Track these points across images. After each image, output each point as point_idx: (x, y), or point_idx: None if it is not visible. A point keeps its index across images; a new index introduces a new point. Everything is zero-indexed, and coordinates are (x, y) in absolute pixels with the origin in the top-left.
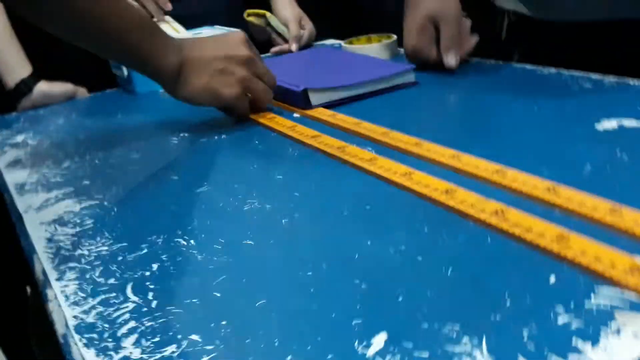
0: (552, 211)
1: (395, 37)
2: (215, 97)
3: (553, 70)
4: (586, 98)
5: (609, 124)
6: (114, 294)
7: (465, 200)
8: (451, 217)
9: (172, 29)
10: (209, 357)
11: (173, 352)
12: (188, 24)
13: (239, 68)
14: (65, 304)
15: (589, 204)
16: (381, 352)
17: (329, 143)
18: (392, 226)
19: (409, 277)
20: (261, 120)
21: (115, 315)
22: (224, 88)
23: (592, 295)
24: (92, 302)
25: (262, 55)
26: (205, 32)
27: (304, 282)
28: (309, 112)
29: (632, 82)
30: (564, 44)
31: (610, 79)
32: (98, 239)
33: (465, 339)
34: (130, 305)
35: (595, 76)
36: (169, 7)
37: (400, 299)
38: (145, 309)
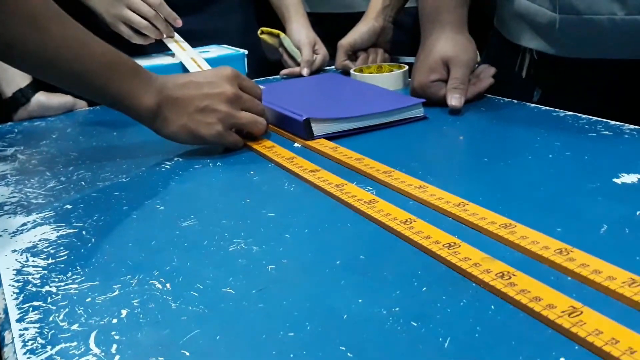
0: (564, 277)
1: (406, 67)
2: (195, 137)
3: (570, 113)
4: (605, 147)
5: (628, 179)
6: (75, 343)
7: (470, 257)
8: (453, 276)
9: (179, 47)
10: None
11: None
12: (202, 41)
13: (222, 105)
14: (21, 351)
15: (606, 272)
16: None
17: (327, 179)
18: (387, 282)
19: (401, 346)
20: (260, 149)
21: None
22: (202, 128)
23: None
24: (50, 351)
25: (272, 77)
26: (213, 50)
27: (283, 346)
28: (310, 143)
29: None
30: (586, 85)
31: (629, 126)
32: (69, 274)
33: None
34: (91, 359)
35: (614, 123)
36: (179, 23)
37: None
38: None
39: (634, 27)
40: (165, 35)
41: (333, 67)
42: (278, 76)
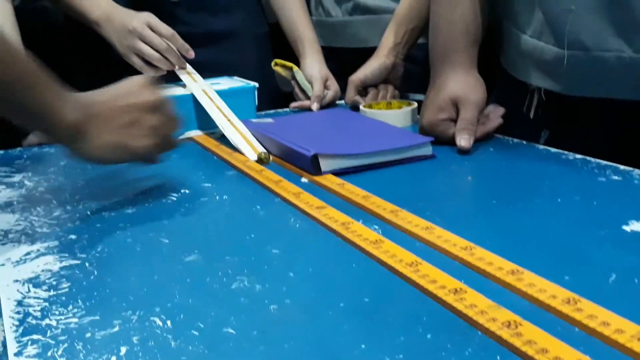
0: (572, 328)
1: (416, 104)
2: (129, 153)
3: (579, 156)
4: (614, 193)
5: (638, 226)
6: None
7: (476, 304)
8: (458, 324)
9: (191, 78)
10: None
11: None
12: (214, 73)
13: (149, 116)
14: None
15: (614, 324)
16: None
17: (333, 217)
18: (391, 327)
19: None
20: (267, 182)
21: None
22: (136, 141)
23: None
24: None
25: (282, 110)
26: (224, 82)
27: None
28: (317, 179)
29: None
30: (594, 127)
31: (639, 172)
32: (70, 307)
33: None
34: None
35: (624, 168)
36: (191, 55)
37: None
38: None
39: None
40: (177, 67)
41: (343, 101)
42: (288, 109)
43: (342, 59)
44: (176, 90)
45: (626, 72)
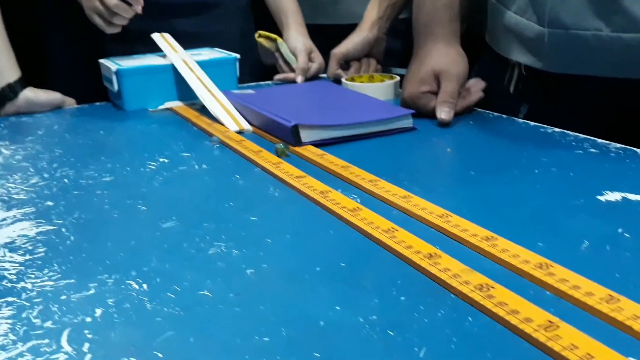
0: (543, 292)
1: (398, 78)
2: None
3: (558, 130)
4: (590, 165)
5: (612, 197)
6: (46, 341)
7: (450, 268)
8: (432, 286)
9: (172, 49)
10: None
11: None
12: (197, 43)
13: None
14: None
15: (584, 288)
16: None
17: (312, 186)
18: (366, 290)
19: (376, 355)
20: (246, 153)
21: None
22: None
23: None
24: (21, 347)
25: (264, 82)
26: (205, 53)
27: (257, 350)
28: (298, 149)
29: (639, 151)
30: (572, 102)
31: (616, 145)
32: (46, 271)
33: None
34: (62, 357)
35: (601, 141)
36: (139, 6)
37: None
38: None
39: (619, 45)
40: (127, 20)
41: (326, 75)
42: (270, 82)
43: (329, 36)
44: (156, 60)
45: (604, 51)
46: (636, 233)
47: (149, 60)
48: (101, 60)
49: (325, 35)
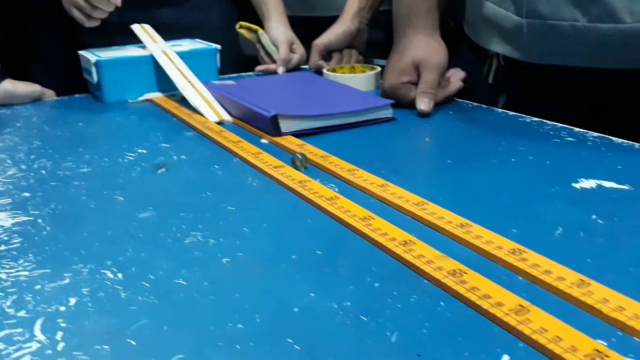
0: (515, 277)
1: (379, 69)
2: None
3: (536, 119)
4: (567, 153)
5: (587, 184)
6: (19, 330)
7: (424, 255)
8: (406, 273)
9: (151, 39)
10: None
11: None
12: (177, 34)
13: None
14: None
15: (556, 272)
16: None
17: (291, 175)
18: (341, 277)
19: (349, 340)
20: (226, 143)
21: (14, 356)
22: None
23: None
24: None
25: (247, 73)
26: (185, 44)
27: (231, 337)
28: (278, 140)
29: (616, 140)
30: (550, 92)
31: (593, 134)
32: (21, 261)
33: None
34: (34, 346)
35: (578, 130)
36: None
37: None
38: (49, 351)
39: (595, 35)
40: (107, 13)
41: (307, 66)
42: (252, 73)
43: (311, 27)
44: (136, 52)
45: (580, 41)
46: (609, 219)
47: (129, 51)
48: (80, 52)
49: (307, 26)
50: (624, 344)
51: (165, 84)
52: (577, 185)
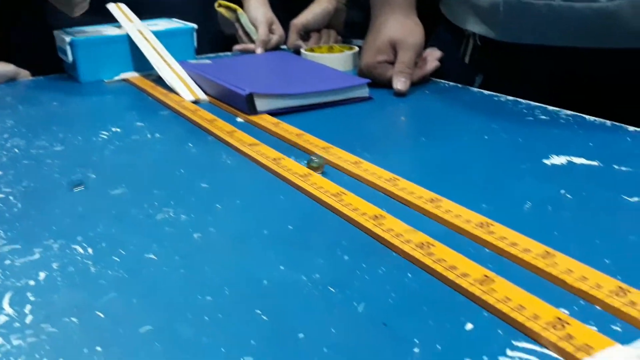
0: (482, 249)
1: (357, 49)
2: None
3: (511, 98)
4: (539, 131)
5: (557, 160)
6: None
7: (393, 228)
8: (375, 246)
9: (127, 19)
10: None
11: None
12: (154, 13)
13: None
14: None
15: (522, 244)
16: None
17: (265, 153)
18: (311, 251)
19: (316, 310)
20: (200, 122)
21: None
22: None
23: (507, 349)
24: None
25: (225, 53)
26: (161, 24)
27: (199, 309)
28: (253, 118)
29: (588, 118)
30: (526, 72)
31: (566, 112)
32: None
33: None
34: (2, 319)
35: (552, 108)
36: None
37: (301, 335)
38: (17, 324)
39: (570, 14)
40: None
41: (286, 46)
42: (230, 53)
43: (290, 6)
44: (111, 31)
45: (555, 20)
46: (578, 194)
47: (104, 30)
48: (55, 32)
49: (285, 6)
50: (586, 312)
51: (141, 63)
52: (547, 162)
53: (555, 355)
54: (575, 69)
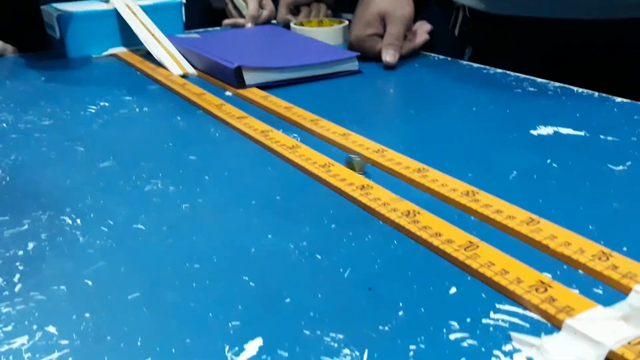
0: (467, 217)
1: (347, 22)
2: None
3: (500, 70)
4: (528, 102)
5: (544, 131)
6: None
7: (380, 197)
8: (362, 215)
9: None
10: (60, 353)
11: (22, 345)
12: None
13: None
14: None
15: (507, 212)
16: None
17: (253, 126)
18: (299, 220)
19: (303, 276)
20: (189, 95)
21: None
22: None
23: (491, 311)
24: None
25: (214, 28)
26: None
27: (187, 276)
28: (242, 92)
29: (576, 89)
30: (514, 44)
31: (554, 84)
32: None
33: (346, 351)
34: None
35: (541, 80)
36: None
37: (287, 300)
38: (6, 292)
39: None
40: None
41: (276, 21)
42: (219, 28)
43: None
44: (99, 6)
45: None
46: (564, 163)
47: (92, 5)
48: (43, 7)
49: None
50: (568, 276)
51: (129, 38)
52: (534, 132)
53: (537, 316)
54: (564, 40)
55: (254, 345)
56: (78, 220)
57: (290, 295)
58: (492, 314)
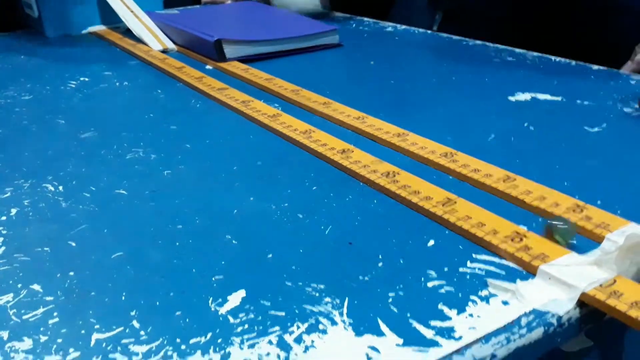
0: (446, 176)
1: None
2: None
3: (479, 42)
4: (506, 71)
5: (522, 97)
6: None
7: (360, 160)
8: (343, 178)
9: None
10: (45, 308)
11: (7, 302)
12: None
13: None
14: None
15: (484, 170)
16: (234, 310)
17: (234, 96)
18: (280, 183)
19: (285, 234)
20: (168, 69)
21: None
22: None
23: (468, 261)
24: None
25: (193, 6)
26: None
27: (170, 236)
28: (222, 65)
29: (555, 58)
30: (483, 11)
31: (533, 54)
32: None
33: (327, 299)
34: None
35: (520, 51)
36: None
37: (270, 255)
38: None
39: None
40: None
41: None
42: (198, 6)
43: None
44: None
45: None
46: (540, 126)
47: None
48: None
49: None
50: (543, 227)
51: (108, 16)
52: (512, 98)
53: (513, 265)
54: (539, 9)
55: (237, 297)
56: (60, 187)
57: (272, 251)
58: (469, 263)
